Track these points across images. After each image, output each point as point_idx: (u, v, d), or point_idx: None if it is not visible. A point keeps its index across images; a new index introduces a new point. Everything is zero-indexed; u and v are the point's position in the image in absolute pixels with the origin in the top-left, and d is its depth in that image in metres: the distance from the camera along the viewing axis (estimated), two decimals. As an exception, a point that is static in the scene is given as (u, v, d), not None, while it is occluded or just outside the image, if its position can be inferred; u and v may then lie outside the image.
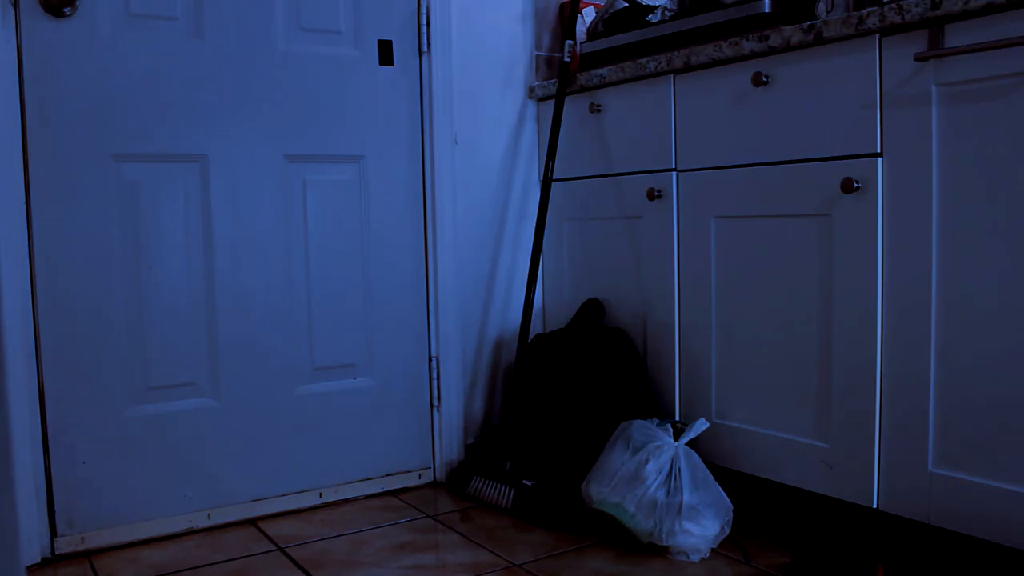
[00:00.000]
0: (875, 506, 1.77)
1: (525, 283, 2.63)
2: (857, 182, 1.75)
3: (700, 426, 1.99)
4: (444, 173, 2.45)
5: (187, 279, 2.12)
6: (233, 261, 2.17)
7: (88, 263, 1.99)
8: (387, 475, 2.42)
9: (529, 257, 2.61)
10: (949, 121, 1.61)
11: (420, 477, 2.48)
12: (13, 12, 1.88)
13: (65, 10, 1.93)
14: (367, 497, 2.38)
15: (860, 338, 1.78)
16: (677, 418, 2.20)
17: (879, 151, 1.73)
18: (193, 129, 2.11)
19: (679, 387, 2.20)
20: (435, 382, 2.48)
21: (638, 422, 2.04)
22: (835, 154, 1.81)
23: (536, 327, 2.64)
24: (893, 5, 1.66)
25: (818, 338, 1.87)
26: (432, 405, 2.48)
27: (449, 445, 2.49)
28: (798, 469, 1.92)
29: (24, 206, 1.91)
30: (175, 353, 2.11)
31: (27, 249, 1.92)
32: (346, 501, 2.34)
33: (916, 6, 1.61)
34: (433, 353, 2.48)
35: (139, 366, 2.07)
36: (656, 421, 2.05)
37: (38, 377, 1.95)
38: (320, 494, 2.31)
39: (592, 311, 2.38)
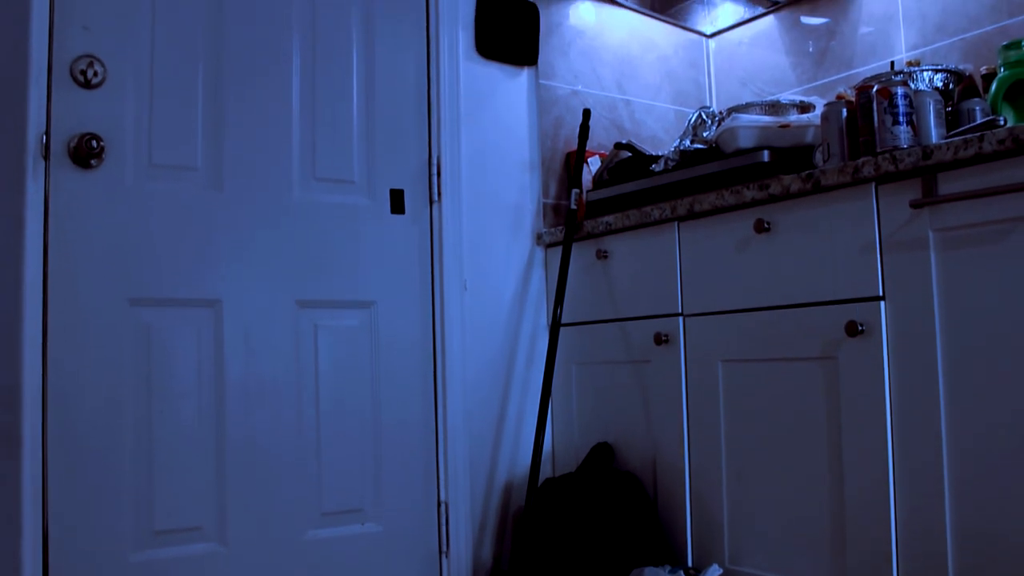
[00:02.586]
0: (895, 656, 1.72)
1: (534, 426, 2.62)
2: (861, 325, 1.78)
3: (713, 572, 1.96)
4: (453, 318, 2.49)
5: (197, 422, 2.12)
6: (244, 404, 2.18)
7: (99, 403, 2.00)
8: (393, 625, 2.36)
9: (538, 401, 2.61)
10: (948, 264, 1.65)
11: (427, 627, 2.41)
12: (44, 164, 1.96)
13: (92, 162, 2.01)
14: (372, 648, 2.31)
15: (872, 480, 1.76)
16: (690, 563, 2.16)
17: (881, 294, 1.76)
18: (208, 275, 2.16)
19: (691, 531, 2.17)
20: (444, 527, 2.44)
21: (650, 569, 2.00)
22: (838, 298, 1.84)
23: (546, 471, 2.62)
24: (887, 155, 1.72)
25: (830, 481, 1.86)
26: (441, 551, 2.44)
27: (457, 593, 2.44)
28: (815, 617, 1.87)
29: (41, 345, 1.94)
30: (183, 496, 2.09)
31: (41, 387, 1.94)
32: (351, 653, 2.28)
33: (909, 156, 1.68)
34: (442, 498, 2.45)
35: (145, 509, 2.05)
36: (668, 568, 2.02)
37: (43, 519, 1.92)
38: (324, 645, 2.25)
39: (602, 455, 2.37)
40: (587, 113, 2.56)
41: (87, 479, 1.98)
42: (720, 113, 2.45)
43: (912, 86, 2.04)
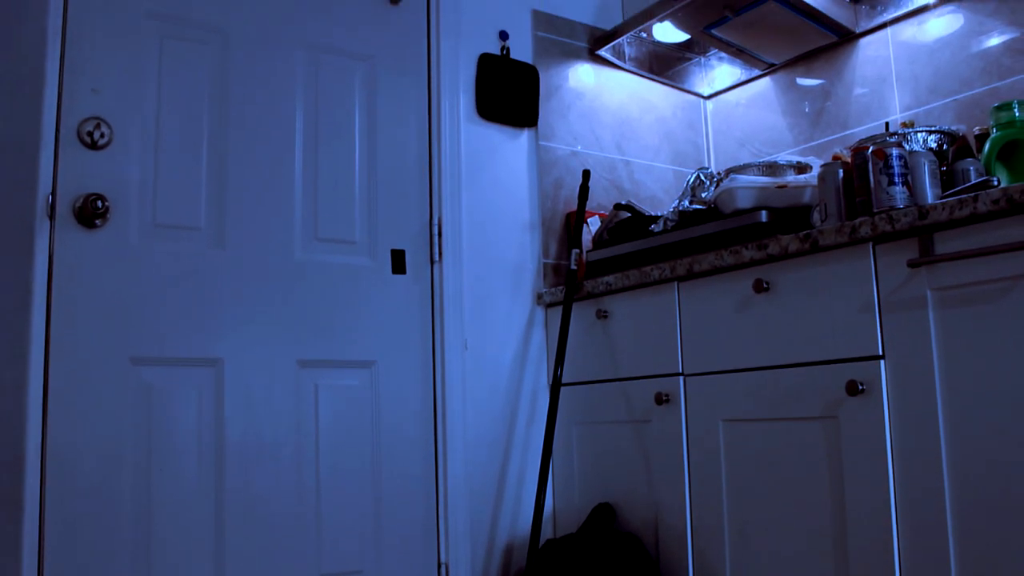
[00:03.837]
0: None
1: (535, 487, 2.61)
2: (861, 384, 1.78)
3: (716, 636, 1.93)
4: (454, 378, 2.49)
5: (197, 482, 2.11)
6: (243, 464, 2.17)
7: (98, 464, 2.00)
8: None
9: (539, 461, 2.60)
10: (946, 323, 1.66)
11: None
12: (49, 223, 1.98)
13: (97, 222, 2.03)
14: None
15: (876, 540, 1.75)
16: (692, 628, 2.14)
17: (881, 353, 1.76)
18: (210, 334, 2.16)
19: (693, 594, 2.15)
20: (443, 590, 2.42)
21: (652, 632, 1.98)
22: (838, 357, 1.84)
23: (547, 532, 2.60)
24: (883, 215, 1.74)
25: (833, 539, 1.84)
26: (440, 615, 2.42)
27: (457, 658, 2.40)
28: None
29: (42, 405, 1.94)
30: (181, 558, 2.07)
31: (40, 449, 1.93)
32: None
33: (905, 216, 1.69)
34: (443, 559, 2.43)
35: (143, 572, 2.02)
36: (671, 630, 1.99)
37: (40, 584, 1.91)
38: None
39: (603, 516, 2.35)
40: (587, 174, 2.59)
41: (84, 542, 1.96)
42: (718, 174, 2.47)
43: (907, 147, 2.07)
